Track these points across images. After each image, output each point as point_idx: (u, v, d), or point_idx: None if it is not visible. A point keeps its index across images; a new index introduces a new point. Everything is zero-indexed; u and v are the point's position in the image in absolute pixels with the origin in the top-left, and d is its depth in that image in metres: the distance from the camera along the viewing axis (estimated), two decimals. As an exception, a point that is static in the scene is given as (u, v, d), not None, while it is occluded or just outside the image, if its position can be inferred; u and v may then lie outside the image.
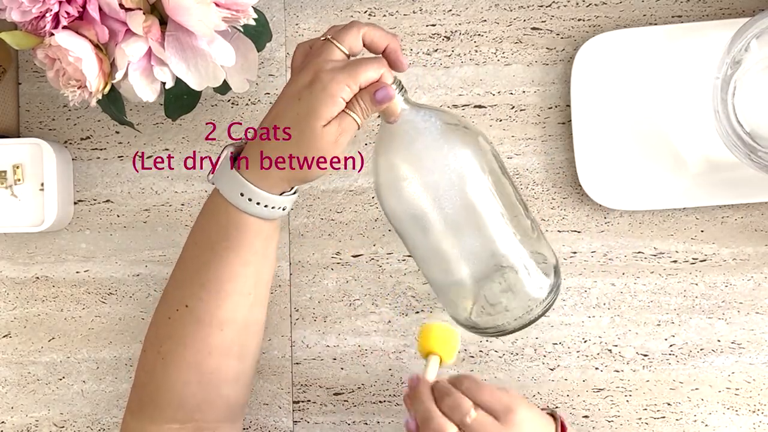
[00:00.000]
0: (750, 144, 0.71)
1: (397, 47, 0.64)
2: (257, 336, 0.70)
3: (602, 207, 0.78)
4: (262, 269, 0.68)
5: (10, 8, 0.64)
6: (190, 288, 0.67)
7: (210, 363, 0.67)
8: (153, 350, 0.68)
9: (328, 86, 0.61)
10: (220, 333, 0.66)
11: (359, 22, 0.64)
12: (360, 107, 0.62)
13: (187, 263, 0.68)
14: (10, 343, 0.84)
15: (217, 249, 0.65)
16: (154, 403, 0.68)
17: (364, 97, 0.62)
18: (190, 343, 0.66)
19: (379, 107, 0.63)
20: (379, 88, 0.62)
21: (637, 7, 0.79)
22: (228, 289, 0.66)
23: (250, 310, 0.68)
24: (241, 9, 0.64)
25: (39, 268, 0.84)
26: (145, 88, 0.66)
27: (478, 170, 0.68)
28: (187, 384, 0.67)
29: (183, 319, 0.67)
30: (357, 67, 0.61)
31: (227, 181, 0.64)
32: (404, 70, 0.65)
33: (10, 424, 0.84)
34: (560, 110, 0.79)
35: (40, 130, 0.84)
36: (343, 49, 0.63)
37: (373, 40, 0.64)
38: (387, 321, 0.80)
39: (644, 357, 0.78)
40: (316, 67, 0.62)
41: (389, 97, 0.62)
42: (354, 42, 0.63)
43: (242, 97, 0.82)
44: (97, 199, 0.83)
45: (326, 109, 0.61)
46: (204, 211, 0.68)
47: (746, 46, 0.70)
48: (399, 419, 0.80)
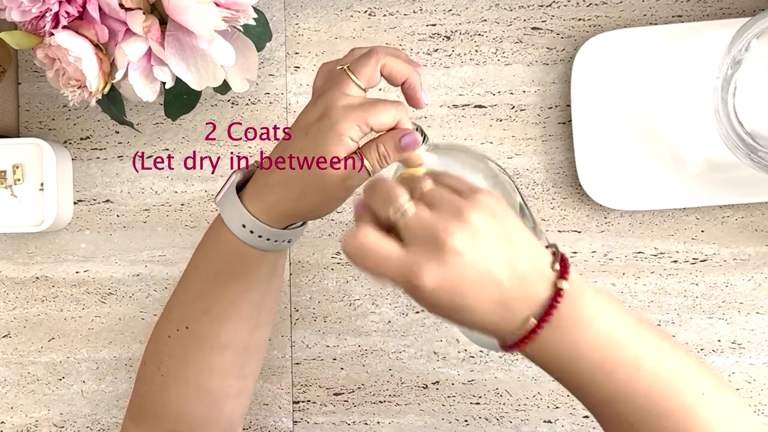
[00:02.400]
0: (750, 144, 0.71)
1: (416, 83, 0.59)
2: (259, 356, 0.68)
3: (602, 207, 0.78)
4: (267, 294, 0.65)
5: (10, 8, 0.64)
6: (191, 310, 0.64)
7: (211, 383, 0.65)
8: (153, 365, 0.67)
9: (336, 125, 0.56)
10: (221, 355, 0.65)
11: (379, 50, 0.59)
12: (378, 153, 0.57)
13: (189, 285, 0.65)
14: (10, 343, 0.84)
15: (220, 277, 0.63)
16: (154, 413, 0.67)
17: (387, 143, 0.56)
18: (191, 364, 0.65)
19: (402, 155, 0.57)
20: (405, 134, 0.56)
21: (637, 7, 0.78)
22: (230, 314, 0.64)
23: (251, 333, 0.66)
24: (241, 9, 0.64)
25: (39, 268, 0.84)
26: (145, 88, 0.66)
27: None
28: (187, 401, 0.66)
29: (183, 339, 0.65)
30: (371, 107, 0.56)
31: (231, 210, 0.60)
32: (422, 107, 0.60)
33: (10, 424, 0.83)
34: (560, 110, 0.79)
35: (40, 130, 0.84)
36: (359, 83, 0.58)
37: (391, 73, 0.58)
38: (387, 321, 0.80)
39: (644, 357, 0.78)
40: (328, 102, 0.57)
41: (416, 143, 0.56)
42: (371, 75, 0.58)
43: (242, 97, 0.82)
44: (96, 199, 0.83)
45: (333, 149, 0.56)
46: (207, 236, 0.64)
47: (746, 46, 0.70)
48: (399, 419, 0.80)
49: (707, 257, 0.78)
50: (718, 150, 0.74)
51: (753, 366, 0.77)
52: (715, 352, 0.77)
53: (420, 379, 0.80)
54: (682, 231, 0.78)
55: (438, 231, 0.48)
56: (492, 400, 0.79)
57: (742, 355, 0.77)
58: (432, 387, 0.80)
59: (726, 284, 0.78)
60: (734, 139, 0.70)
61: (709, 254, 0.78)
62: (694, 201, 0.76)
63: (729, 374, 0.77)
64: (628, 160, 0.77)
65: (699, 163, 0.76)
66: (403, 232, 0.49)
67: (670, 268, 0.78)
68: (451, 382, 0.80)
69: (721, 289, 0.78)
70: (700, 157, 0.76)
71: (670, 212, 0.78)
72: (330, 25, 0.81)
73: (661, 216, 0.78)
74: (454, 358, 0.80)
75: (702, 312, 0.78)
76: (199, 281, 0.64)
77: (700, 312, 0.78)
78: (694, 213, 0.78)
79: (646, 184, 0.77)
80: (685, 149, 0.76)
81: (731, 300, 0.77)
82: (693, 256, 0.78)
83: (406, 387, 0.80)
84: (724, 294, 0.78)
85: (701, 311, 0.78)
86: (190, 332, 0.64)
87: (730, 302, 0.77)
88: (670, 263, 0.78)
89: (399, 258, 0.48)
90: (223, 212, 0.61)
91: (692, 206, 0.77)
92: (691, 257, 0.78)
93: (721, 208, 0.78)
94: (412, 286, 0.48)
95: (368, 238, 0.48)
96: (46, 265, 0.84)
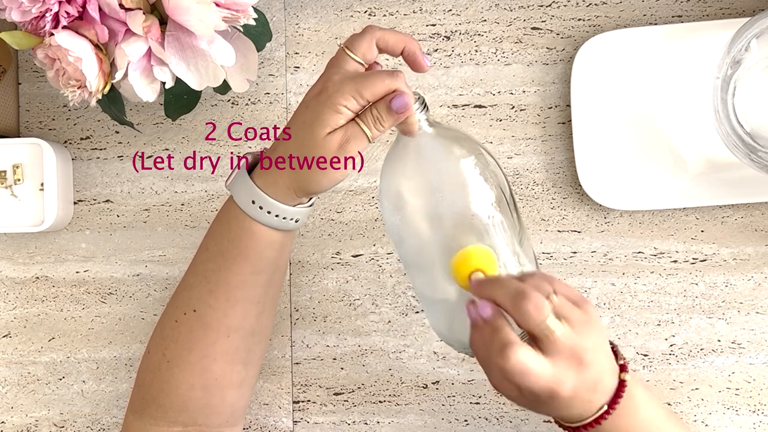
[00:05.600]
0: (750, 144, 0.71)
1: (415, 48, 0.62)
2: (263, 343, 0.70)
3: (602, 207, 0.78)
4: (273, 279, 0.67)
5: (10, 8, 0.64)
6: (198, 293, 0.66)
7: (215, 369, 0.66)
8: (158, 352, 0.68)
9: (331, 96, 0.60)
10: (226, 339, 0.66)
11: (374, 27, 0.62)
12: (372, 117, 0.60)
13: (197, 267, 0.67)
14: (10, 343, 0.84)
15: (228, 256, 0.65)
16: (157, 403, 0.68)
17: (380, 105, 0.60)
18: (196, 348, 0.66)
19: (395, 117, 0.60)
20: (396, 96, 0.60)
21: (637, 7, 0.79)
22: (237, 297, 0.65)
23: (257, 319, 0.67)
24: (241, 9, 0.64)
25: (39, 268, 0.84)
26: (145, 88, 0.66)
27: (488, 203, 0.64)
28: (192, 388, 0.66)
29: (190, 323, 0.66)
30: (365, 78, 0.60)
31: (240, 188, 0.63)
32: (425, 70, 0.63)
33: (10, 424, 0.84)
34: (560, 110, 0.79)
35: (40, 130, 0.84)
36: (356, 58, 0.61)
37: (387, 45, 0.62)
38: (387, 321, 0.80)
39: (644, 357, 0.78)
40: (326, 77, 0.61)
41: (405, 105, 0.60)
42: (367, 48, 0.61)
43: (242, 97, 0.82)
44: (96, 198, 0.83)
45: (329, 118, 0.60)
46: (218, 217, 0.67)
47: (746, 46, 0.70)
48: (399, 419, 0.80)
49: (707, 257, 0.78)
50: (718, 150, 0.74)
51: (753, 366, 0.77)
52: (715, 351, 0.77)
53: (420, 379, 0.80)
54: (682, 231, 0.78)
55: (578, 349, 0.55)
56: (492, 400, 0.79)
57: (741, 355, 0.77)
58: (432, 387, 0.80)
59: (726, 284, 0.78)
60: (734, 139, 0.70)
61: (708, 254, 0.78)
62: (694, 201, 0.76)
63: (729, 374, 0.77)
64: (628, 160, 0.77)
65: (699, 163, 0.76)
66: (549, 346, 0.55)
67: (669, 268, 0.78)
68: (451, 382, 0.80)
69: (721, 289, 0.78)
70: (700, 157, 0.76)
71: (670, 212, 0.78)
72: (330, 25, 0.81)
73: (661, 216, 0.78)
74: (454, 358, 0.80)
75: (702, 312, 0.78)
76: (206, 262, 0.66)
77: (700, 312, 0.78)
78: (694, 213, 0.78)
79: (646, 184, 0.77)
80: (685, 149, 0.76)
81: (731, 300, 0.77)
82: (693, 256, 0.78)
83: (406, 387, 0.80)
84: (724, 294, 0.78)
85: (701, 311, 0.78)
86: (196, 315, 0.66)
87: (729, 302, 0.77)
88: (669, 263, 0.78)
89: (551, 375, 0.55)
90: (233, 191, 0.64)
91: (692, 206, 0.77)
92: (691, 257, 0.78)
93: (721, 208, 0.78)
94: (553, 395, 0.56)
95: (528, 357, 0.55)
96: (47, 265, 0.84)
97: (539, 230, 0.79)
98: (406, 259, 0.68)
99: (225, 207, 0.66)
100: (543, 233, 0.79)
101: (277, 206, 0.62)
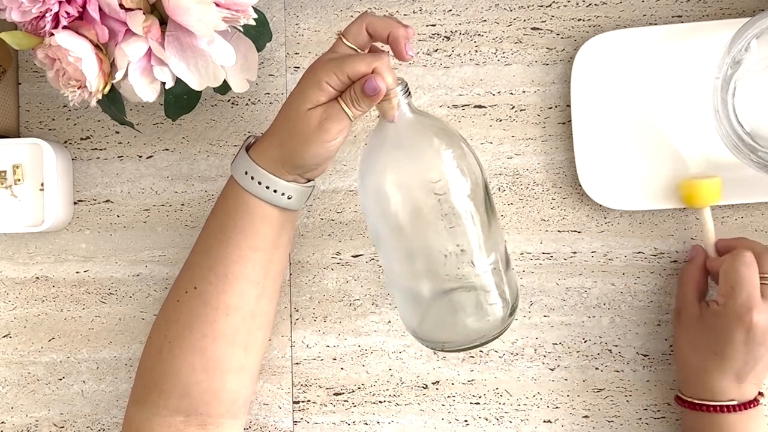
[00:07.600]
0: (750, 144, 0.71)
1: (399, 35, 0.64)
2: (264, 329, 0.71)
3: (602, 207, 0.78)
4: (272, 258, 0.69)
5: (10, 8, 0.64)
6: (199, 270, 0.68)
7: (215, 349, 0.67)
8: (160, 334, 0.69)
9: (315, 74, 0.64)
10: (226, 318, 0.67)
11: (367, 13, 0.66)
12: (350, 97, 0.63)
13: (199, 246, 0.70)
14: (10, 343, 0.84)
15: (225, 230, 0.68)
16: (159, 388, 0.68)
17: (356, 86, 0.63)
18: (196, 327, 0.67)
19: (369, 100, 0.63)
20: (369, 78, 0.62)
21: (637, 7, 0.79)
22: (236, 272, 0.67)
23: (257, 300, 0.69)
24: (241, 9, 0.64)
25: (39, 268, 0.84)
26: (145, 88, 0.66)
27: (463, 194, 0.65)
28: (192, 370, 0.67)
29: (191, 302, 0.68)
30: (348, 57, 0.63)
31: (238, 162, 0.68)
32: (405, 59, 0.65)
33: (10, 424, 0.84)
34: (560, 110, 0.79)
35: (40, 130, 0.84)
36: (348, 43, 0.65)
37: (375, 30, 0.65)
38: (387, 321, 0.80)
39: (644, 357, 0.78)
40: (316, 60, 0.65)
41: (375, 88, 0.62)
42: (357, 32, 0.65)
43: (242, 97, 0.82)
44: (96, 199, 0.83)
45: (311, 93, 0.63)
46: (219, 197, 0.70)
47: (746, 46, 0.70)
48: (399, 419, 0.80)
49: (707, 257, 0.78)
50: (718, 150, 0.74)
51: (753, 366, 0.77)
52: (715, 352, 0.77)
53: (420, 379, 0.80)
54: (682, 231, 0.78)
55: None
56: (492, 400, 0.79)
57: (741, 355, 0.77)
58: (432, 387, 0.80)
59: (726, 284, 0.77)
60: (734, 139, 0.70)
61: (708, 254, 0.78)
62: (694, 201, 0.76)
63: (729, 374, 0.77)
64: (628, 160, 0.77)
65: (699, 163, 0.76)
66: None
67: (669, 268, 0.78)
68: (451, 382, 0.80)
69: (721, 289, 0.78)
70: (699, 157, 0.76)
71: (670, 212, 0.78)
72: (330, 25, 0.81)
73: (661, 216, 0.78)
74: (454, 358, 0.80)
75: (702, 312, 0.78)
76: (207, 239, 0.69)
77: (700, 312, 0.78)
78: (694, 213, 0.78)
79: (646, 184, 0.77)
80: (685, 149, 0.76)
81: (731, 300, 0.77)
82: (693, 256, 0.78)
83: (406, 387, 0.80)
84: (724, 294, 0.77)
85: (701, 311, 0.78)
86: (197, 293, 0.68)
87: (729, 302, 0.77)
88: (669, 263, 0.78)
89: None
90: (232, 166, 0.68)
91: (692, 206, 0.77)
92: (691, 257, 0.78)
93: (721, 208, 0.78)
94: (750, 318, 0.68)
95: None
96: (47, 265, 0.84)
97: (539, 230, 0.79)
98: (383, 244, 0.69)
99: (225, 187, 0.70)
100: (543, 233, 0.79)
101: (268, 177, 0.66)
